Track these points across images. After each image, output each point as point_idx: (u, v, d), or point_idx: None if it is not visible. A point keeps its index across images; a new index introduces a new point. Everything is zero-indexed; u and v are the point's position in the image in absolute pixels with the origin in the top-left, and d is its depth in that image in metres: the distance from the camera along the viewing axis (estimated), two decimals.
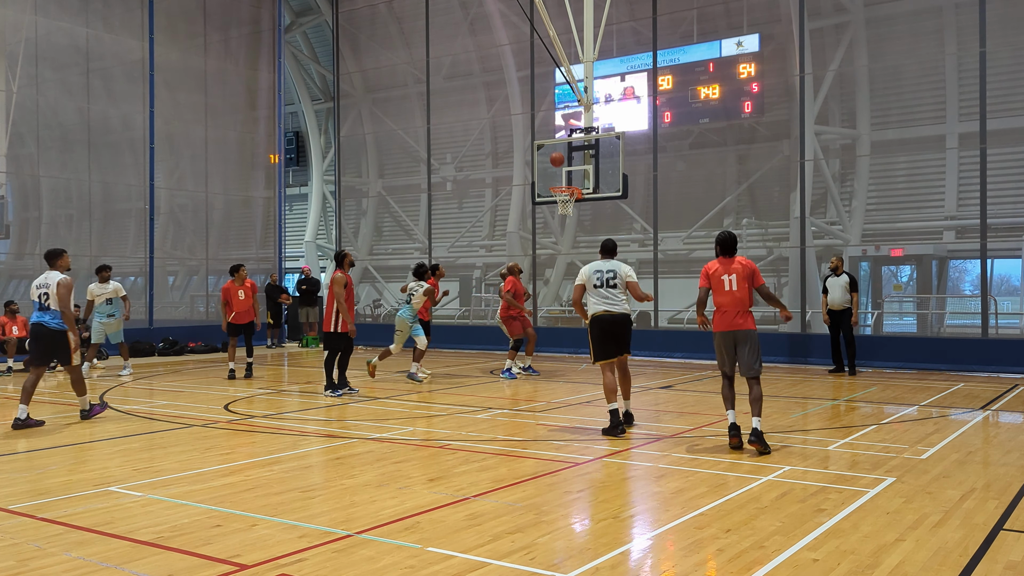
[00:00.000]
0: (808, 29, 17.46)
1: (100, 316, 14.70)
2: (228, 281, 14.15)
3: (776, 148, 19.53)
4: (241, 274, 14.09)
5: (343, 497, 6.07)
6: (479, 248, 24.31)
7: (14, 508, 5.79)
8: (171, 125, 21.17)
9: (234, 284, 14.01)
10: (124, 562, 4.65)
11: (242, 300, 13.98)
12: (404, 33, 24.21)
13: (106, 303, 14.67)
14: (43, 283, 9.35)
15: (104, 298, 14.65)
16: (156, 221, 20.73)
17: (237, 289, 13.98)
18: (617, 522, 5.48)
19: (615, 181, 13.09)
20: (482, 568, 4.52)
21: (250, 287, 14.15)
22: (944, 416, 9.79)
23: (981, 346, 14.82)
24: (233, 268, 14.23)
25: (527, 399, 11.37)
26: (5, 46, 18.32)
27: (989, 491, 6.16)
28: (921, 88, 18.49)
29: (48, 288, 9.28)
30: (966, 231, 17.66)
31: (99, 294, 14.62)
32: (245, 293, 14.02)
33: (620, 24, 19.87)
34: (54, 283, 9.27)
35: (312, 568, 4.54)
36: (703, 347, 17.29)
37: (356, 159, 25.72)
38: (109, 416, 10.04)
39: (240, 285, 14.01)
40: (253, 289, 14.22)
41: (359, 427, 9.06)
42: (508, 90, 22.28)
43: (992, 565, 4.57)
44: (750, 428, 7.60)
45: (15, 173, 19.27)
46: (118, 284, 15.07)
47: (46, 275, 9.45)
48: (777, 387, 12.55)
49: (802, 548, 4.84)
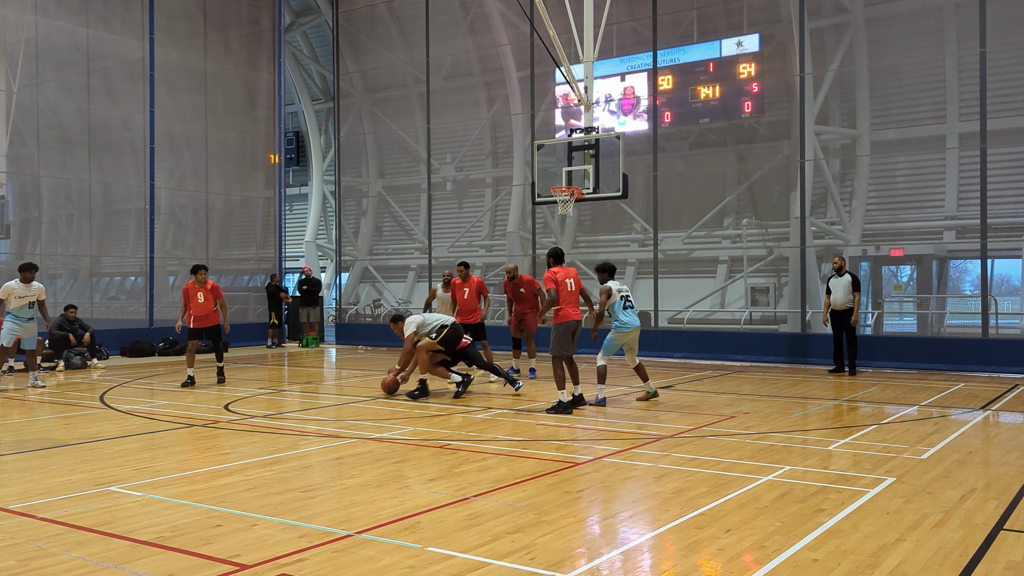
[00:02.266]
0: (808, 29, 17.46)
1: (19, 319, 13.01)
2: (189, 281, 13.28)
3: (776, 148, 19.53)
4: (200, 276, 13.13)
5: (343, 497, 6.07)
6: (479, 248, 24.30)
7: (14, 508, 5.80)
8: (171, 125, 21.17)
9: (194, 286, 13.11)
10: (124, 562, 4.65)
11: (201, 303, 13.07)
12: (404, 33, 24.21)
13: (28, 306, 13.02)
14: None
15: (27, 301, 13.01)
16: (156, 221, 20.73)
17: (196, 291, 13.07)
18: (617, 522, 5.48)
19: (615, 181, 13.09)
20: (482, 568, 4.53)
21: (211, 289, 13.19)
22: (944, 416, 9.79)
23: (981, 346, 14.82)
24: (193, 268, 13.30)
25: (527, 399, 11.37)
26: (5, 46, 18.33)
27: (989, 491, 6.16)
28: (921, 88, 18.49)
29: None
30: (966, 231, 17.66)
31: (21, 296, 12.97)
32: (205, 296, 13.09)
33: (620, 24, 19.87)
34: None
35: (312, 568, 4.54)
36: (703, 347, 17.32)
37: (356, 159, 25.72)
38: (109, 416, 10.04)
39: (200, 287, 13.09)
40: (215, 292, 13.26)
41: (359, 427, 9.06)
42: (508, 90, 22.28)
43: (992, 565, 4.58)
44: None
45: (15, 173, 19.28)
46: (41, 286, 13.36)
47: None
48: (777, 387, 12.55)
49: (802, 548, 4.84)
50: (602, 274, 10.73)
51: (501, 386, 12.21)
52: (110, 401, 11.36)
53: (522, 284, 13.46)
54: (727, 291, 20.43)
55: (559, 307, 10.11)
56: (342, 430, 8.94)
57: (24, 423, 9.78)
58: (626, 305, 10.60)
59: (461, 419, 9.70)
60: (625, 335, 10.59)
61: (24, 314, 13.02)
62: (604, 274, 10.71)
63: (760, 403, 10.84)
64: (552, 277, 10.14)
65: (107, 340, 17.99)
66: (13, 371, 15.11)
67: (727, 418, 9.57)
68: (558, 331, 10.14)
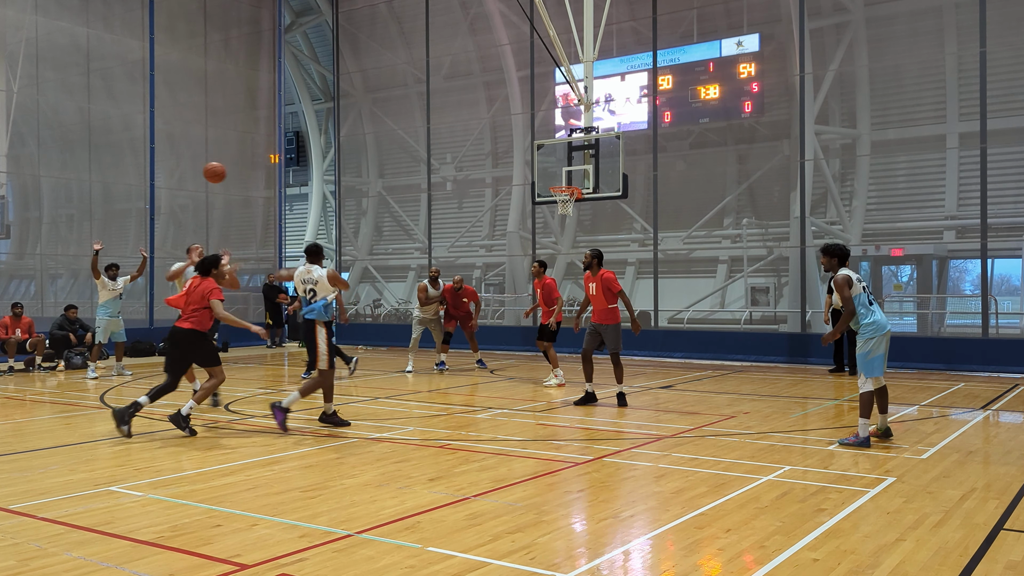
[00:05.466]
0: (808, 29, 17.46)
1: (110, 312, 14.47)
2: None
3: (776, 148, 19.54)
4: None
5: (343, 497, 6.07)
6: (479, 248, 24.30)
7: (14, 508, 5.80)
8: (171, 125, 21.17)
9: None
10: (124, 562, 4.65)
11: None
12: (404, 33, 24.21)
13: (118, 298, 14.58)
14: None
15: (117, 293, 14.58)
16: (156, 221, 20.73)
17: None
18: (617, 522, 5.48)
19: (615, 181, 13.09)
20: (482, 568, 4.53)
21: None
22: (944, 416, 9.79)
23: (981, 346, 14.82)
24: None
25: (527, 399, 11.37)
26: (5, 46, 18.34)
27: (989, 491, 6.16)
28: (921, 88, 18.49)
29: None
30: (966, 231, 17.66)
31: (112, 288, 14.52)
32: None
33: (620, 24, 19.88)
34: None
35: (312, 568, 4.54)
36: (703, 347, 17.31)
37: (356, 159, 25.72)
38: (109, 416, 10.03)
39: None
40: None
41: (359, 427, 9.06)
42: (508, 90, 22.28)
43: (992, 565, 4.57)
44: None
45: (16, 173, 19.28)
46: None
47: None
48: (777, 387, 12.55)
49: (802, 548, 4.84)
50: (592, 260, 10.85)
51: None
52: (110, 401, 11.35)
53: (465, 294, 14.63)
54: (727, 291, 20.43)
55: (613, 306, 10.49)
56: (342, 430, 8.93)
57: (24, 423, 9.78)
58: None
59: (461, 419, 9.70)
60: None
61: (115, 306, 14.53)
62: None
63: (760, 403, 10.84)
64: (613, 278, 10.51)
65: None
66: (13, 371, 15.12)
67: (727, 418, 9.57)
68: (618, 331, 10.50)
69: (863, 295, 7.86)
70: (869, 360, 7.84)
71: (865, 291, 7.90)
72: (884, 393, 8.01)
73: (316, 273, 9.28)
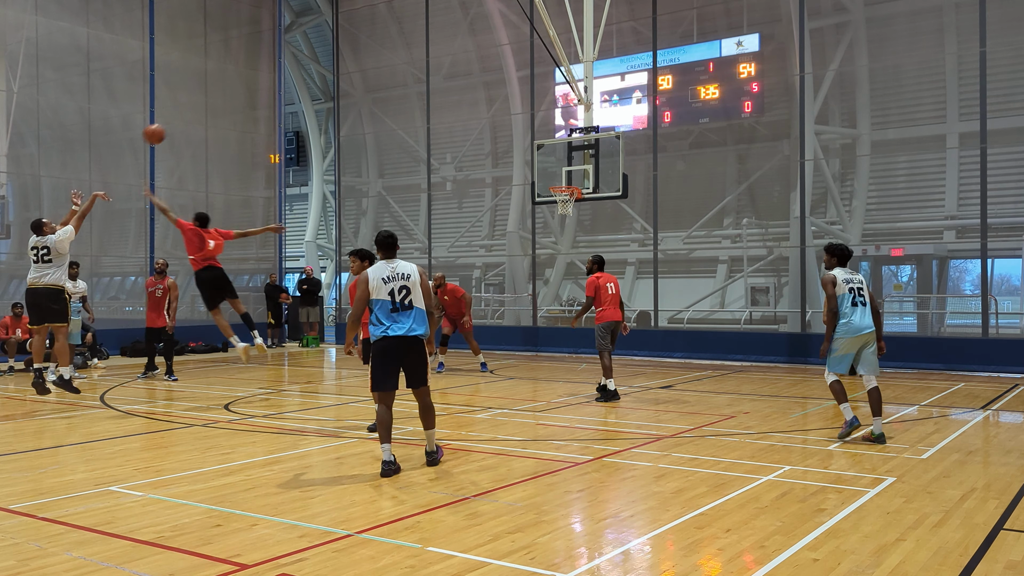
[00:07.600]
0: (808, 29, 17.46)
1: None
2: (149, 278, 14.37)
3: (776, 148, 19.54)
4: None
5: (343, 497, 6.07)
6: (479, 248, 24.30)
7: (14, 508, 5.80)
8: (171, 125, 21.11)
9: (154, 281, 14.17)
10: (125, 562, 4.65)
11: (157, 298, 14.00)
12: (404, 33, 24.21)
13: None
14: None
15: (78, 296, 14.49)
16: (156, 221, 20.72)
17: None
18: (617, 522, 5.48)
19: (615, 181, 13.09)
20: (482, 568, 4.53)
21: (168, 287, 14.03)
22: (944, 416, 9.79)
23: (981, 346, 14.82)
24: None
25: (527, 399, 11.37)
26: (6, 46, 18.33)
27: (989, 491, 6.16)
28: (921, 88, 18.49)
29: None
30: (966, 231, 17.66)
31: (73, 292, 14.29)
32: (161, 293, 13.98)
33: (620, 24, 19.88)
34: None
35: (312, 568, 4.54)
36: (703, 347, 17.31)
37: (356, 159, 25.72)
38: (109, 416, 10.05)
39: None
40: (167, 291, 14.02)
41: (359, 427, 9.06)
42: (508, 90, 22.28)
43: (992, 565, 4.58)
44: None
45: (16, 173, 19.27)
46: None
47: None
48: (777, 387, 12.55)
49: (802, 548, 4.84)
50: (593, 264, 11.39)
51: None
52: (110, 401, 11.36)
53: (446, 292, 14.53)
54: (727, 291, 20.43)
55: (602, 308, 10.92)
56: (342, 430, 8.94)
57: (24, 423, 9.78)
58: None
59: (461, 419, 9.70)
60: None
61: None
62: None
63: (760, 403, 10.84)
64: (594, 283, 10.98)
65: (107, 340, 18.00)
66: (13, 371, 15.12)
67: (727, 418, 9.57)
68: (598, 330, 11.00)
69: (847, 295, 7.95)
70: (833, 357, 8.15)
71: (852, 292, 7.96)
72: (877, 395, 8.03)
73: (404, 268, 6.85)
